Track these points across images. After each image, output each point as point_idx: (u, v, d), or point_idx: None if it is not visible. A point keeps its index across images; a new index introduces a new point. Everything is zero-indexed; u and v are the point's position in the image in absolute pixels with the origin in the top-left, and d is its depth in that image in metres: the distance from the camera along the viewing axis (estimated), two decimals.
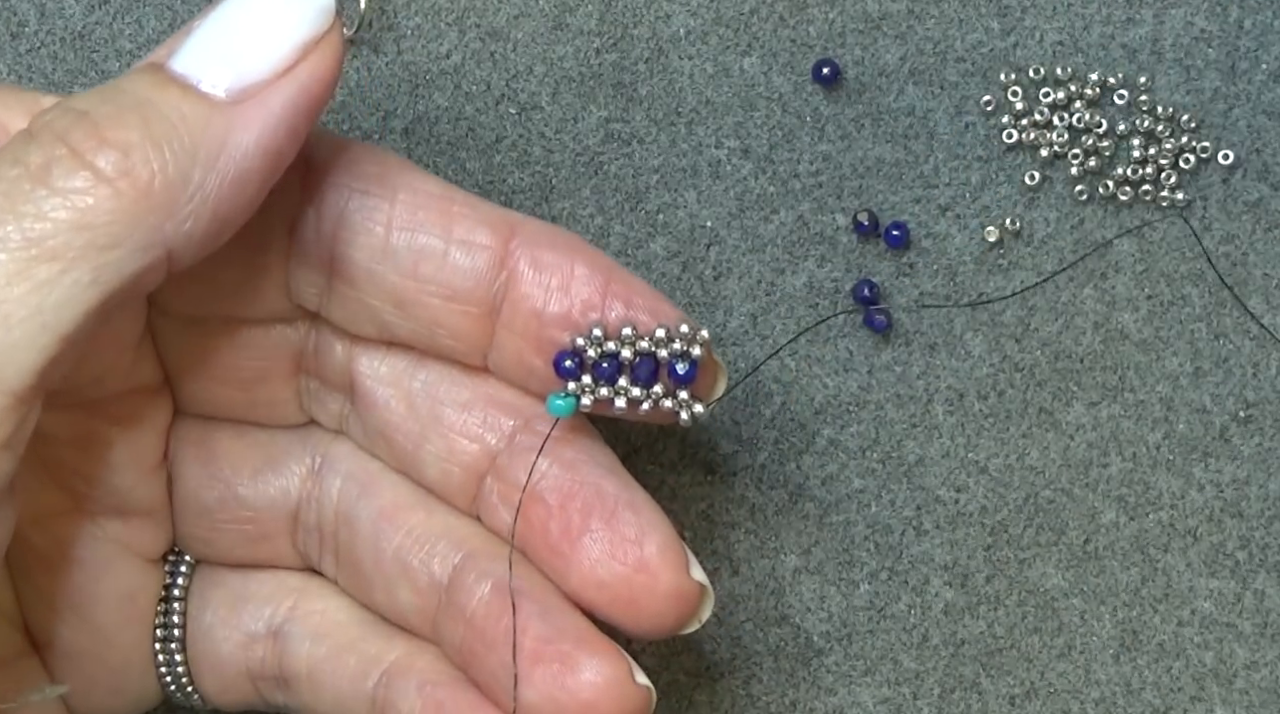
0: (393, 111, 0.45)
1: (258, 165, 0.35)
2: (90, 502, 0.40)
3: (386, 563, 0.40)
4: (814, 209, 0.45)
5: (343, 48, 0.36)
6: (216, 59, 0.35)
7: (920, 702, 0.45)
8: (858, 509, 0.45)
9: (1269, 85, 0.44)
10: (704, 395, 0.39)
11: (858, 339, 0.45)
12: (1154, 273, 0.44)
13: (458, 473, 0.39)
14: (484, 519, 0.40)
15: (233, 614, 0.41)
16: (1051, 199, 0.45)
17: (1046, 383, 0.45)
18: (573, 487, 0.38)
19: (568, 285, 0.38)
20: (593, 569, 0.38)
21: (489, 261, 0.38)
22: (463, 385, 0.39)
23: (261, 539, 0.41)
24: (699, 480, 0.45)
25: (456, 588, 0.39)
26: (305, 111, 0.35)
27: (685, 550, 0.38)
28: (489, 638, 0.38)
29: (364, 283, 0.38)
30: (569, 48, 0.45)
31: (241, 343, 0.40)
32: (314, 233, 0.38)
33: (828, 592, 0.45)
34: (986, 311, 0.45)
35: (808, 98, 0.45)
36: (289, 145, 0.35)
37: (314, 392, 0.40)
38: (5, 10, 0.44)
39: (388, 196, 0.38)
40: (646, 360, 0.38)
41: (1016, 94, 0.44)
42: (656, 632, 0.38)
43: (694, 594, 0.38)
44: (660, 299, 0.38)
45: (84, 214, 0.33)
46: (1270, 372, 0.44)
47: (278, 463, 0.41)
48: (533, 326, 0.38)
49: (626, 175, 0.45)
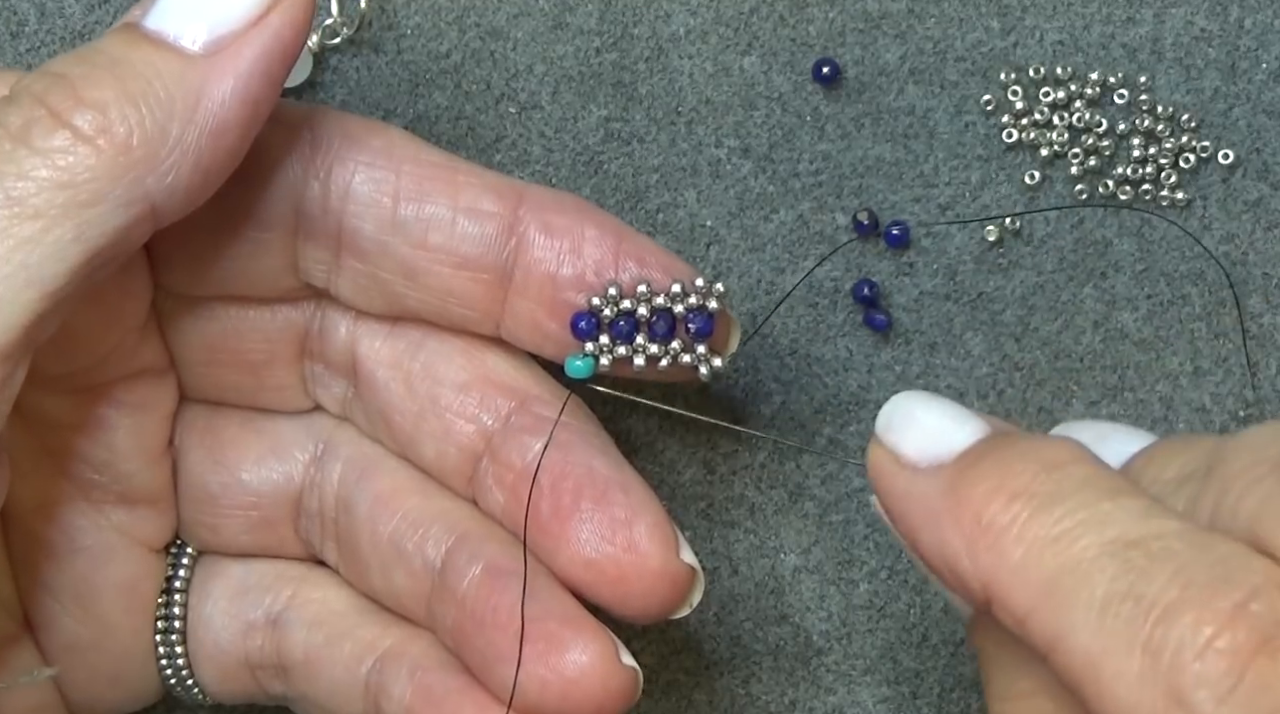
0: (393, 111, 0.45)
1: (235, 115, 0.35)
2: (95, 489, 0.40)
3: (382, 546, 0.40)
4: (814, 209, 0.45)
5: None
6: (189, 14, 0.35)
7: (920, 701, 0.45)
8: (858, 509, 0.45)
9: (1269, 85, 0.44)
10: (720, 349, 0.39)
11: (858, 339, 0.45)
12: (1154, 273, 0.44)
13: (454, 454, 0.39)
14: (479, 501, 0.40)
15: (233, 604, 0.41)
16: (1052, 198, 0.45)
17: (1046, 382, 0.45)
18: (565, 467, 0.38)
19: (579, 248, 0.38)
20: (581, 549, 0.38)
21: (498, 228, 0.38)
22: (461, 367, 0.40)
23: (265, 526, 0.41)
24: (699, 480, 0.45)
25: (449, 570, 0.39)
26: (280, 59, 0.35)
27: (675, 532, 0.38)
28: (478, 617, 0.38)
29: (374, 255, 0.38)
30: (569, 47, 0.45)
31: (247, 325, 0.40)
32: (321, 209, 0.38)
33: (827, 591, 0.45)
34: (987, 311, 0.45)
35: (808, 97, 0.45)
36: (265, 93, 0.35)
37: (318, 376, 0.41)
38: (5, 9, 0.44)
39: (393, 168, 0.38)
40: (664, 316, 0.38)
41: (1016, 94, 0.44)
42: (645, 614, 0.38)
43: (683, 576, 0.38)
44: (672, 257, 0.39)
45: (65, 172, 0.34)
46: (1270, 371, 0.44)
47: (282, 449, 0.41)
48: (547, 290, 0.38)
49: (626, 175, 0.45)
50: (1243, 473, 0.31)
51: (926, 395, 0.35)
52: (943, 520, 0.33)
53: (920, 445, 0.34)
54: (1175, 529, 0.30)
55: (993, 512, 0.32)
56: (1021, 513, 0.31)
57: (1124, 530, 0.30)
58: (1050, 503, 0.31)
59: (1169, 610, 0.29)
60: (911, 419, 0.34)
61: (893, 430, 0.35)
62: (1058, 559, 0.31)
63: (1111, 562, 0.30)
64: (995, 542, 0.31)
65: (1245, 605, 0.29)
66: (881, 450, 0.35)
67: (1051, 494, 0.31)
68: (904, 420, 0.35)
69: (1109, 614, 0.30)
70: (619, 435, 0.44)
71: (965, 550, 0.32)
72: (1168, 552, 0.30)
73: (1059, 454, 0.32)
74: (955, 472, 0.33)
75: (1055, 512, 0.31)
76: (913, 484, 0.34)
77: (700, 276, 0.38)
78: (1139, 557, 0.30)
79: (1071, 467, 0.32)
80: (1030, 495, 0.32)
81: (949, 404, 0.35)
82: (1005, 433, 0.34)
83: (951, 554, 0.32)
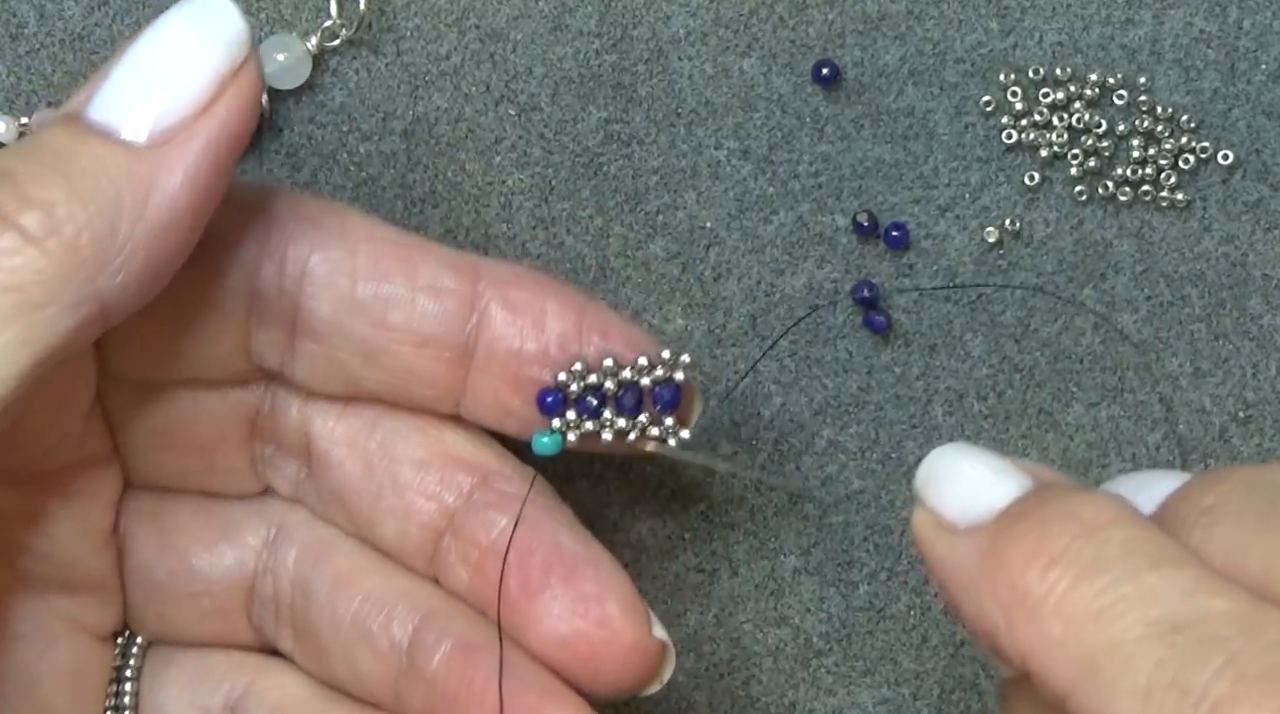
0: (392, 112, 0.45)
1: (186, 207, 0.34)
2: (35, 577, 0.39)
3: (345, 629, 0.39)
4: (814, 210, 0.45)
5: (260, 77, 0.35)
6: (133, 102, 0.34)
7: (920, 702, 0.45)
8: (857, 510, 0.45)
9: (1269, 85, 0.44)
10: (685, 420, 0.39)
11: (858, 339, 0.45)
12: (1154, 273, 0.44)
13: (415, 533, 0.39)
14: (441, 580, 0.39)
15: (187, 691, 0.40)
16: (1051, 199, 0.45)
17: (1046, 383, 0.45)
18: (532, 543, 0.38)
19: (541, 322, 0.38)
20: (553, 626, 0.37)
21: (458, 304, 0.38)
22: (419, 445, 0.39)
23: (217, 613, 0.40)
24: (699, 480, 0.45)
25: (417, 649, 0.38)
26: (227, 148, 0.35)
27: (646, 608, 0.38)
28: (451, 694, 0.37)
29: (331, 336, 0.38)
30: (568, 49, 0.45)
31: (197, 408, 0.39)
32: (276, 291, 0.37)
33: (827, 592, 0.45)
34: (986, 312, 0.45)
35: (807, 98, 0.45)
36: (215, 183, 0.35)
37: (269, 457, 0.40)
38: (5, 11, 0.44)
39: (350, 248, 0.38)
40: (631, 389, 0.38)
41: (1016, 94, 0.44)
42: (617, 690, 0.38)
43: (655, 652, 0.38)
44: (634, 329, 0.39)
45: (13, 275, 0.33)
46: (1270, 372, 0.44)
47: (233, 534, 0.40)
48: (511, 367, 0.38)
49: (626, 176, 0.45)
50: None
51: (965, 447, 0.34)
52: (981, 589, 0.31)
53: (959, 505, 0.32)
54: (1225, 610, 0.29)
55: (1029, 580, 0.30)
56: (1060, 582, 0.30)
57: (1170, 610, 0.29)
58: (1091, 573, 0.30)
59: (1217, 706, 0.28)
60: (950, 475, 0.33)
61: (932, 488, 0.33)
62: (1099, 637, 0.29)
63: (1158, 645, 0.28)
64: (1033, 613, 0.30)
65: None
66: (923, 512, 0.33)
67: (1093, 561, 0.30)
68: (942, 477, 0.33)
69: (1153, 704, 0.28)
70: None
71: (1004, 622, 0.30)
72: (1217, 639, 0.28)
73: (1100, 515, 0.31)
74: (993, 534, 0.31)
75: (1097, 583, 0.30)
76: (952, 549, 0.32)
77: (666, 348, 0.38)
78: (1186, 642, 0.28)
79: (1112, 530, 0.30)
80: (1070, 561, 0.30)
81: (988, 457, 0.33)
82: (1046, 487, 0.32)
83: (991, 625, 0.31)
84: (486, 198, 0.45)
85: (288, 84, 0.44)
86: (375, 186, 0.45)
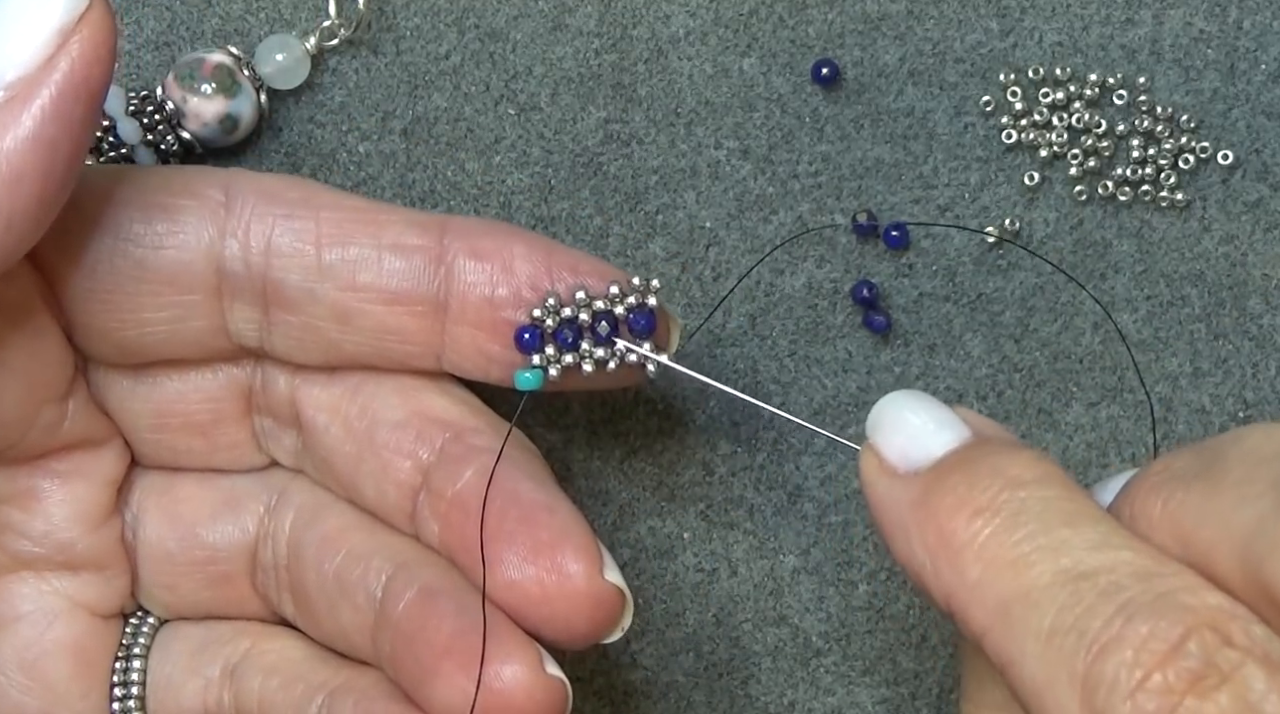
0: (392, 112, 0.45)
1: (31, 161, 0.34)
2: (33, 557, 0.40)
3: (328, 584, 0.40)
4: (813, 209, 0.45)
5: (112, 24, 0.35)
6: None
7: (919, 702, 0.45)
8: (857, 509, 0.45)
9: (1268, 85, 0.44)
10: (663, 345, 0.39)
11: (857, 339, 0.45)
12: (1154, 273, 0.44)
13: (393, 492, 0.39)
14: (420, 535, 0.40)
15: (193, 660, 0.41)
16: (1051, 199, 0.45)
17: (1046, 383, 0.45)
18: (493, 492, 0.38)
19: (510, 266, 0.38)
20: (507, 571, 0.37)
21: (425, 259, 0.38)
22: (397, 406, 0.39)
23: (223, 582, 0.41)
24: (699, 480, 0.45)
25: (388, 598, 0.39)
26: (74, 98, 0.34)
27: (601, 552, 0.38)
28: (408, 635, 0.38)
29: (304, 305, 0.38)
30: (568, 48, 0.45)
31: (190, 388, 0.40)
32: (243, 266, 0.38)
33: (826, 592, 0.45)
34: (986, 312, 0.45)
35: (807, 98, 0.45)
36: (64, 134, 0.34)
37: (268, 430, 0.41)
38: None
39: (312, 216, 0.38)
40: (606, 317, 0.38)
41: (1016, 94, 0.44)
42: (572, 636, 0.38)
43: (609, 597, 0.38)
44: (603, 264, 0.39)
45: None
46: (1270, 372, 0.44)
47: (237, 504, 0.41)
48: (485, 313, 0.38)
49: (626, 176, 0.45)
50: (1239, 484, 0.31)
51: (914, 396, 0.35)
52: (911, 531, 0.33)
53: (902, 450, 0.34)
54: (1128, 561, 0.31)
55: (955, 527, 0.32)
56: (982, 531, 0.32)
57: (1078, 560, 0.31)
58: (1011, 524, 0.32)
59: (1107, 647, 0.30)
60: (896, 422, 0.35)
61: (879, 432, 0.35)
62: (1013, 583, 0.31)
63: (1062, 592, 0.31)
64: (956, 557, 0.32)
65: (1181, 645, 0.29)
66: (869, 454, 0.35)
67: (1014, 514, 0.32)
68: (889, 423, 0.35)
69: (1054, 645, 0.30)
70: (617, 436, 0.44)
71: (930, 563, 0.33)
72: (1116, 586, 0.30)
73: (1025, 471, 0.33)
74: (928, 481, 0.34)
75: (1016, 534, 0.32)
76: (890, 491, 0.34)
77: (636, 277, 0.38)
78: (1088, 589, 0.30)
79: (1035, 487, 0.32)
80: (992, 513, 0.32)
81: (934, 407, 0.35)
82: (982, 442, 0.34)
83: (918, 566, 0.33)
84: (486, 198, 0.45)
85: (287, 84, 0.44)
86: (375, 186, 0.45)
